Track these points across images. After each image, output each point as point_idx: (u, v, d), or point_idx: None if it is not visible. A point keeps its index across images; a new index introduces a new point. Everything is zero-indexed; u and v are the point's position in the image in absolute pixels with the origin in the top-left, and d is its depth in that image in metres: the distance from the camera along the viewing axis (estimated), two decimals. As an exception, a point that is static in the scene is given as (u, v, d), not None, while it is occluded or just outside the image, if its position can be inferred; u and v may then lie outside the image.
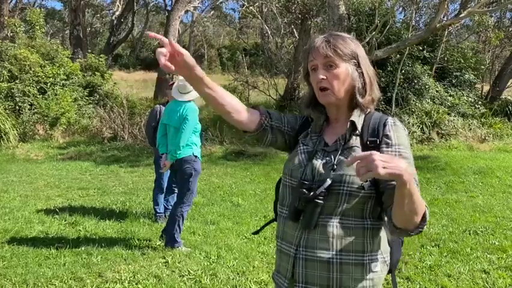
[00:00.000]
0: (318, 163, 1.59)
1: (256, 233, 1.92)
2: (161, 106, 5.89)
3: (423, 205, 1.37)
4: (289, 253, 1.61)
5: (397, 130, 1.54)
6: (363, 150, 1.52)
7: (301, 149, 1.68)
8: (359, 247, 1.52)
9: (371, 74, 1.62)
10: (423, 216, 1.39)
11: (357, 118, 1.60)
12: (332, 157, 1.57)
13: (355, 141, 1.57)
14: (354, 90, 1.59)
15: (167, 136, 4.92)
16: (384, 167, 1.21)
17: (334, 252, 1.53)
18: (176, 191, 5.91)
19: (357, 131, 1.57)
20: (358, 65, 1.60)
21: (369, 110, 1.62)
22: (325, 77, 1.57)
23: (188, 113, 4.73)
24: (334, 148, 1.59)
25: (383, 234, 1.60)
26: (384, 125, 1.55)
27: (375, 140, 1.53)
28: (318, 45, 1.58)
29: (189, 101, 4.85)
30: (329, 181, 1.50)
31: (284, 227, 1.65)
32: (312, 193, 1.51)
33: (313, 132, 1.70)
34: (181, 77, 4.96)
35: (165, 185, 5.90)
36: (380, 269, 1.55)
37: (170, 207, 5.91)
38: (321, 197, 1.50)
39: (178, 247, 4.66)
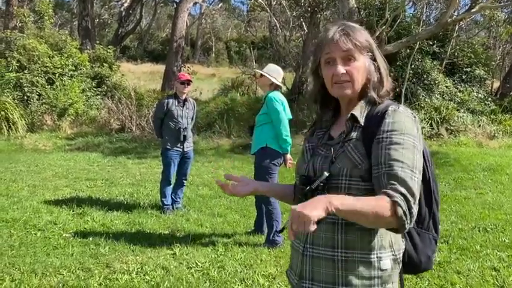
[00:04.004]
0: (320, 157, 1.58)
1: (281, 230, 1.93)
2: (169, 99, 5.82)
3: (375, 210, 1.30)
4: (298, 250, 1.60)
5: (395, 116, 1.46)
6: (363, 142, 1.47)
7: (306, 146, 1.67)
8: (364, 244, 1.47)
9: (385, 67, 1.58)
10: (395, 214, 1.31)
11: (359, 110, 1.55)
12: (333, 150, 1.54)
13: (357, 133, 1.52)
14: (369, 84, 1.55)
15: (289, 130, 4.58)
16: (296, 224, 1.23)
17: (339, 250, 1.49)
18: (185, 184, 5.90)
19: (359, 124, 1.52)
20: (374, 58, 1.56)
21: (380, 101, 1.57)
22: (345, 71, 1.52)
23: None
24: (337, 141, 1.56)
25: None
26: (384, 113, 1.47)
27: (373, 130, 1.47)
28: (338, 38, 1.52)
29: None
30: (325, 174, 1.47)
31: None
32: (308, 187, 1.49)
33: (319, 129, 1.68)
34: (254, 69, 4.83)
35: (172, 177, 5.89)
36: (390, 266, 1.49)
37: (178, 199, 5.90)
38: (318, 191, 1.46)
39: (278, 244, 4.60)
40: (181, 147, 5.74)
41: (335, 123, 1.66)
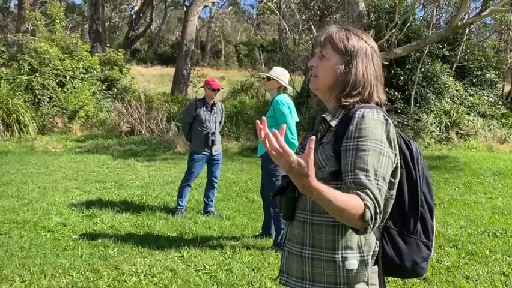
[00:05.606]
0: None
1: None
2: (197, 103, 5.80)
3: (348, 209, 1.31)
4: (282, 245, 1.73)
5: (362, 122, 1.47)
6: (333, 145, 1.52)
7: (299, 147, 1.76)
8: (329, 244, 1.52)
9: (367, 75, 1.58)
10: (363, 218, 1.32)
11: (334, 113, 1.60)
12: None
13: (329, 137, 1.56)
14: (337, 85, 1.59)
15: (296, 133, 4.57)
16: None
17: (307, 247, 1.56)
18: (216, 187, 5.88)
19: (331, 127, 1.57)
20: (349, 62, 1.58)
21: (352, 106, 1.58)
22: (315, 65, 1.63)
23: None
24: (316, 143, 1.61)
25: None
26: (351, 118, 1.50)
27: (342, 133, 1.50)
28: (323, 37, 1.63)
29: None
30: None
31: None
32: (279, 187, 1.57)
33: (311, 131, 1.75)
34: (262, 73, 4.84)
35: (194, 180, 5.94)
36: (356, 267, 1.52)
37: (211, 203, 5.91)
38: (287, 189, 1.55)
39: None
40: (209, 151, 5.76)
41: None
